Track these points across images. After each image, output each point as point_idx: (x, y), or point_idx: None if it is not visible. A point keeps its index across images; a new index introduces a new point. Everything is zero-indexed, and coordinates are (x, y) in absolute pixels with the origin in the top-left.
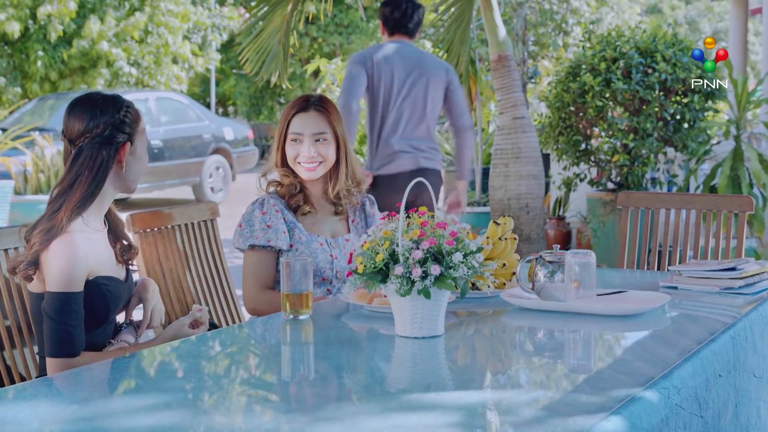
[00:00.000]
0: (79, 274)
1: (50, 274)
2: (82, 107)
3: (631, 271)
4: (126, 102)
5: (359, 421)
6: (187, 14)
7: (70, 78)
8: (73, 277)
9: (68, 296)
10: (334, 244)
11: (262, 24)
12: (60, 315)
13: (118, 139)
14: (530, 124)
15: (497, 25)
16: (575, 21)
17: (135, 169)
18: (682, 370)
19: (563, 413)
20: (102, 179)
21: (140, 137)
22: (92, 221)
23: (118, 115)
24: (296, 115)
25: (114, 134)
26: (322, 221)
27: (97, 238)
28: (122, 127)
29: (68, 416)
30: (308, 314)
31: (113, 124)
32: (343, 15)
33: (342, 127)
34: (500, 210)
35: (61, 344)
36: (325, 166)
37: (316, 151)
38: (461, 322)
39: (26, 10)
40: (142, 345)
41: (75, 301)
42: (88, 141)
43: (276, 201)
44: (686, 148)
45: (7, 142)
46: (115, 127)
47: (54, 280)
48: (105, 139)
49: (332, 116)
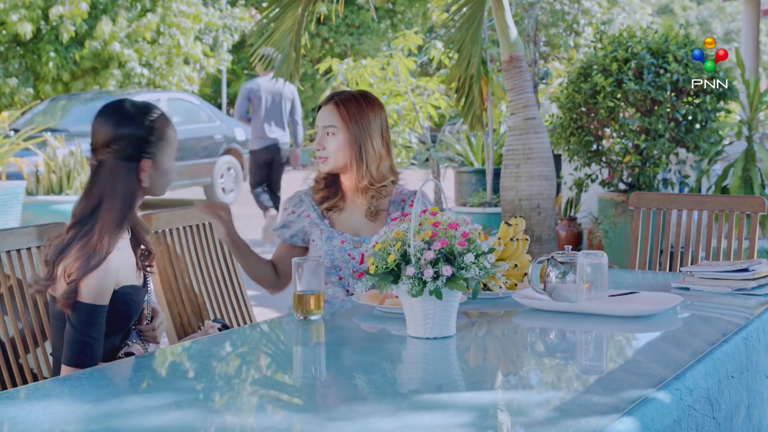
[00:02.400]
0: (109, 288)
1: (84, 284)
2: (107, 116)
3: (643, 272)
4: (153, 116)
5: (371, 422)
6: (199, 15)
7: (82, 79)
8: (104, 292)
9: (95, 309)
10: (356, 243)
11: (273, 25)
12: (84, 326)
13: (139, 156)
14: (541, 124)
15: (508, 25)
16: (586, 21)
17: (159, 182)
18: (694, 371)
19: (575, 414)
20: (131, 198)
21: (166, 149)
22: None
23: (141, 131)
24: (319, 109)
25: (135, 152)
26: (351, 218)
27: (123, 246)
28: (143, 145)
29: (80, 416)
30: (319, 315)
31: (135, 141)
32: (354, 15)
33: (360, 123)
34: (511, 211)
35: (80, 355)
36: (334, 159)
37: (322, 144)
38: (473, 323)
39: (38, 11)
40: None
41: (100, 315)
42: (110, 156)
43: (305, 196)
44: (698, 149)
45: (20, 142)
46: (136, 145)
47: (85, 292)
48: (126, 156)
49: (346, 110)
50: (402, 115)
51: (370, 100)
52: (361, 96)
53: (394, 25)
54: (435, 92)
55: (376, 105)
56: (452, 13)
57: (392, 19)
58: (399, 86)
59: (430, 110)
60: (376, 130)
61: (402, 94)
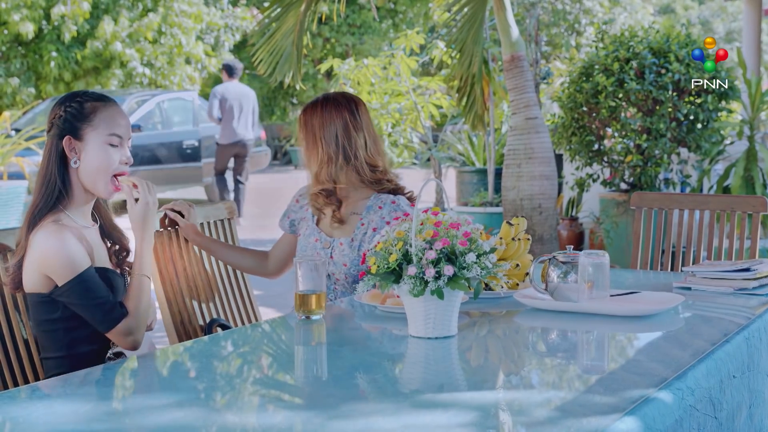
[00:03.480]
0: (78, 253)
1: (52, 267)
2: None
3: (645, 272)
4: (80, 98)
5: (372, 421)
6: (200, 15)
7: (84, 79)
8: (74, 258)
9: (82, 277)
10: (326, 243)
11: (275, 25)
12: (87, 295)
13: (60, 133)
14: (543, 124)
15: (510, 25)
16: (588, 21)
17: (87, 165)
18: (696, 371)
19: (577, 414)
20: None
21: (92, 132)
22: (77, 217)
23: (60, 109)
24: None
25: (60, 131)
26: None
27: (87, 233)
28: (62, 121)
29: (82, 416)
30: (321, 314)
31: (57, 119)
32: (356, 15)
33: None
34: (513, 210)
35: (108, 315)
36: (311, 172)
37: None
38: (474, 323)
39: (40, 10)
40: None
41: (91, 277)
42: (46, 135)
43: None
44: (699, 149)
45: (21, 142)
46: (62, 124)
47: (61, 272)
48: (53, 135)
49: (305, 118)
50: (404, 115)
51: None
52: (322, 99)
53: (396, 24)
54: (437, 92)
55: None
56: (454, 13)
57: (394, 19)
58: (401, 86)
59: (432, 110)
60: (349, 129)
61: (404, 94)
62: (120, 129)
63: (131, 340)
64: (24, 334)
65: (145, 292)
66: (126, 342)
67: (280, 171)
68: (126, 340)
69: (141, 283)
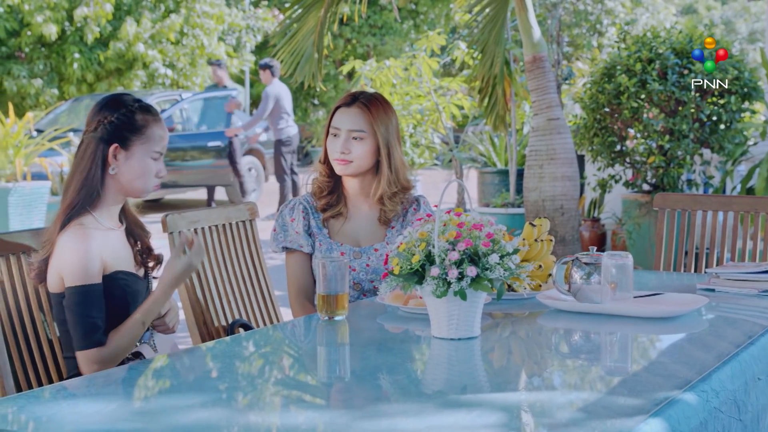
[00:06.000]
0: (95, 265)
1: (66, 269)
2: (99, 102)
3: (668, 274)
4: (139, 109)
5: (396, 422)
6: (222, 16)
7: (107, 80)
8: (88, 269)
9: (87, 288)
10: (356, 254)
11: (296, 26)
12: (81, 308)
13: (108, 139)
14: (565, 125)
15: (532, 26)
16: (610, 22)
17: (128, 175)
18: (720, 373)
19: (601, 415)
20: (92, 179)
21: (143, 145)
22: (104, 219)
23: (120, 117)
24: (339, 109)
25: (107, 136)
26: (353, 227)
27: (113, 236)
28: (117, 131)
29: (107, 416)
30: (344, 315)
31: (111, 124)
32: (377, 16)
33: (388, 129)
34: (535, 211)
35: (87, 336)
36: (358, 165)
37: (348, 147)
38: (497, 324)
39: (63, 12)
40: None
41: (94, 293)
42: (86, 134)
43: (306, 204)
44: (723, 150)
45: (44, 143)
46: (111, 130)
47: (71, 275)
48: (99, 137)
49: (375, 116)
50: (425, 116)
51: (388, 102)
52: (381, 97)
53: (417, 25)
54: (458, 92)
55: (391, 108)
56: (475, 14)
57: (415, 20)
58: (422, 87)
59: (453, 110)
60: (396, 134)
61: (425, 95)
62: (163, 145)
63: (94, 369)
64: (48, 333)
65: (133, 335)
66: (88, 369)
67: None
68: (89, 368)
69: (134, 326)
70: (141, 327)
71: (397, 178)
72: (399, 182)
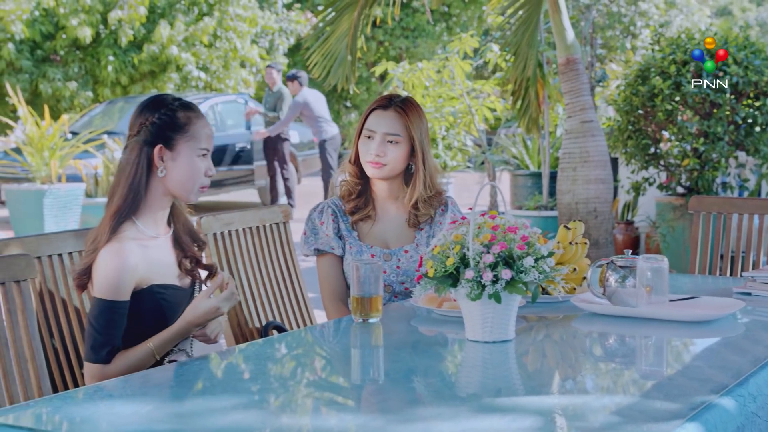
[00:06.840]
0: (126, 283)
1: (97, 279)
2: (142, 103)
3: (703, 277)
4: (181, 108)
5: (430, 425)
6: (255, 19)
7: (141, 82)
8: (118, 286)
9: (111, 304)
10: (386, 256)
11: (329, 29)
12: (99, 321)
13: (152, 141)
14: (598, 127)
15: (565, 28)
16: (644, 24)
17: (176, 176)
18: (757, 377)
19: (637, 420)
20: (138, 182)
21: (189, 143)
22: (148, 227)
23: (154, 117)
24: (374, 111)
25: (152, 137)
26: (382, 229)
27: (154, 245)
28: (161, 131)
29: (143, 417)
30: (378, 317)
31: (147, 125)
32: (410, 19)
33: (422, 133)
34: (568, 214)
35: (94, 349)
36: (391, 168)
37: (383, 150)
38: (531, 327)
39: (97, 15)
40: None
41: (117, 311)
42: (130, 139)
43: (334, 207)
44: (758, 152)
45: (79, 145)
46: (155, 131)
47: (99, 286)
48: (143, 140)
49: (410, 120)
50: (458, 118)
51: (420, 107)
52: (415, 101)
53: (450, 28)
54: (491, 95)
55: (423, 112)
56: (508, 16)
57: (447, 22)
58: (455, 89)
59: (486, 113)
60: (427, 139)
61: (457, 97)
62: (209, 141)
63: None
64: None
65: (140, 361)
66: (89, 381)
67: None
68: (89, 381)
69: (143, 353)
70: (151, 356)
71: (432, 183)
72: (434, 186)
